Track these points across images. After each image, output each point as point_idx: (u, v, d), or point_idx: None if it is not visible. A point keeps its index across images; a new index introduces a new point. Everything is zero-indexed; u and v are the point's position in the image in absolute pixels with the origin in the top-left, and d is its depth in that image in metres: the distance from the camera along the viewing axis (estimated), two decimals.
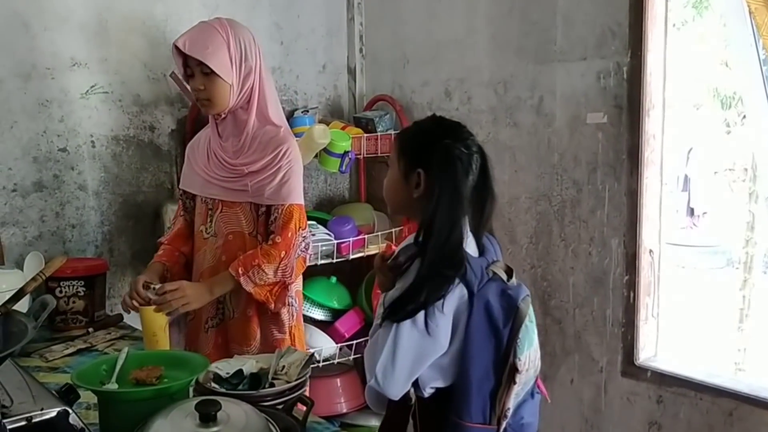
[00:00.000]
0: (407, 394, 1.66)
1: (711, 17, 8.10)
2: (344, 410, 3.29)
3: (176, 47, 2.15)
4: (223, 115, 2.22)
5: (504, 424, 1.62)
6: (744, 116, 8.62)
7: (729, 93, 8.83)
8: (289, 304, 2.29)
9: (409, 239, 1.69)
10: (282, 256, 2.17)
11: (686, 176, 9.37)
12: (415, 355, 1.61)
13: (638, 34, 2.44)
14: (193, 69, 2.16)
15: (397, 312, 1.59)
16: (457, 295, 1.60)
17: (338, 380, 3.30)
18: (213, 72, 2.12)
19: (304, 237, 2.24)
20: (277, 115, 2.27)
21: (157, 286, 2.12)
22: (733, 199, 8.68)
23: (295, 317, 2.33)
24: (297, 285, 2.34)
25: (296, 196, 2.23)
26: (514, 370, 1.60)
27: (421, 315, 1.58)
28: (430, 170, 1.65)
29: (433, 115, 1.80)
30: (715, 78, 8.63)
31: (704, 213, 9.89)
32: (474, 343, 1.61)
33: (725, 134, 9.27)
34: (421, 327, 1.58)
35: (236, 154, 2.23)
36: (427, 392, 1.66)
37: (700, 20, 7.97)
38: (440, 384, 1.66)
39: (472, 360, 1.61)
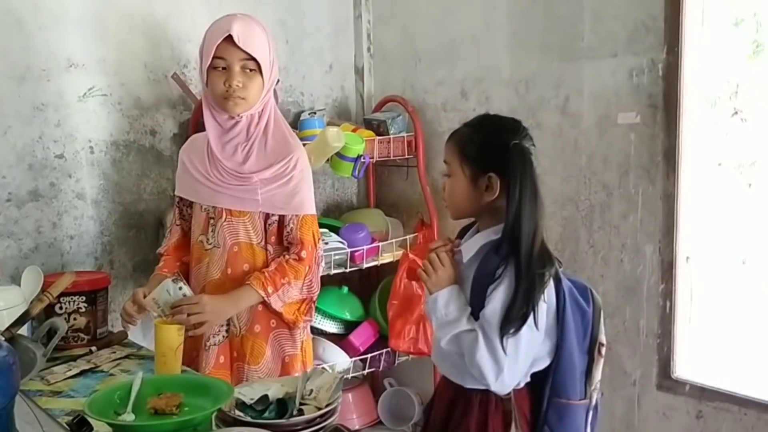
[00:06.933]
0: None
1: None
2: (356, 426, 3.20)
3: (208, 36, 2.03)
4: (241, 117, 2.08)
5: (596, 397, 1.76)
6: (735, 113, 8.61)
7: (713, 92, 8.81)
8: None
9: (479, 238, 1.74)
10: (307, 271, 2.09)
11: None
12: (530, 350, 1.66)
13: (675, 29, 2.31)
14: (232, 63, 2.01)
15: (512, 321, 1.61)
16: (551, 284, 1.68)
17: (350, 395, 3.18)
18: (257, 69, 2.01)
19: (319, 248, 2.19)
20: (284, 119, 2.20)
21: (182, 284, 2.02)
22: (731, 195, 8.61)
23: (306, 331, 2.25)
24: None
25: (309, 206, 2.16)
26: (600, 344, 1.74)
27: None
28: (505, 173, 1.66)
29: (485, 114, 1.79)
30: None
31: None
32: (570, 325, 1.69)
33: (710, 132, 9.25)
34: (531, 323, 1.62)
35: (245, 160, 2.09)
36: (525, 381, 1.72)
37: None
38: (539, 368, 1.71)
39: (571, 341, 1.69)
